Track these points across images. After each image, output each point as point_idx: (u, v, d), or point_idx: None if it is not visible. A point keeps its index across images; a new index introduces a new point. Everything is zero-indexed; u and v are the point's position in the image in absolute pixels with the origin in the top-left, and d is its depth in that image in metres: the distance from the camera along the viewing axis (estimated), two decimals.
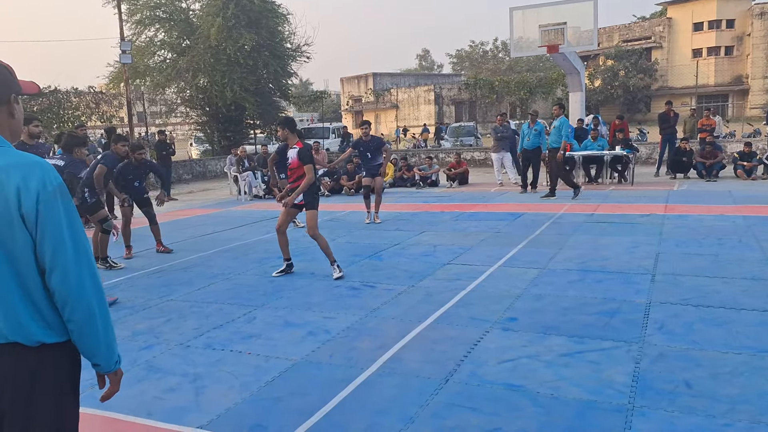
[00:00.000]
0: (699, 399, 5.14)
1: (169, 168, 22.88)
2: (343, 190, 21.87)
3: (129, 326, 7.90)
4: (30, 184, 2.56)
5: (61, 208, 2.64)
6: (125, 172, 12.02)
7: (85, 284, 2.67)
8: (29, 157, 2.67)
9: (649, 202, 16.18)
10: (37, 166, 2.62)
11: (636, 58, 69.06)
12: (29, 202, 2.55)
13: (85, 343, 2.74)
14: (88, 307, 2.68)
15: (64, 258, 2.62)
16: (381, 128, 63.04)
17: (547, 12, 25.66)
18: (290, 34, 35.80)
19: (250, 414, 5.30)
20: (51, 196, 2.60)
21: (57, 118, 28.48)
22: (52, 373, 2.71)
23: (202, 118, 35.97)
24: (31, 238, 2.59)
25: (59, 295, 2.63)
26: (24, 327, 2.63)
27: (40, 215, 2.57)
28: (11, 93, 2.78)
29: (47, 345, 2.69)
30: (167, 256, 12.08)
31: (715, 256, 10.05)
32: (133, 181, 12.33)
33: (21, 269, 2.60)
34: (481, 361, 6.22)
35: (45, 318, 2.67)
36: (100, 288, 2.76)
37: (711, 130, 23.45)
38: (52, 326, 2.69)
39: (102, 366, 2.85)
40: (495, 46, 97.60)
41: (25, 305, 2.63)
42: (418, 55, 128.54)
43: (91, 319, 2.70)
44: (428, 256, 11.13)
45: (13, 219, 2.54)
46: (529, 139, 18.92)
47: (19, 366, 2.64)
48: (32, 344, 2.65)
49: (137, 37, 33.11)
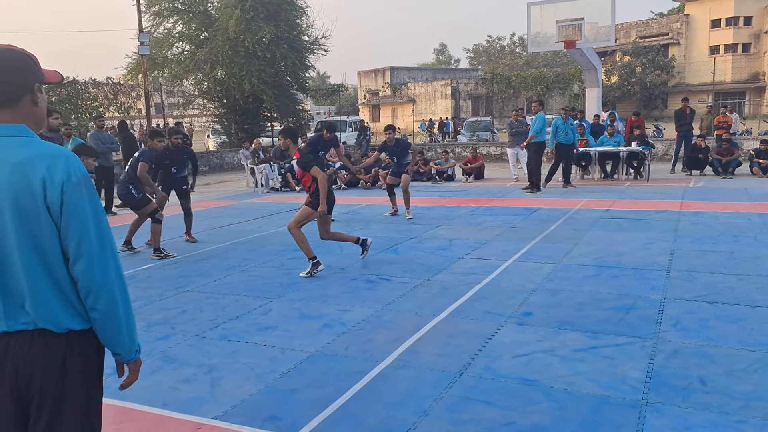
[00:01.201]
0: (713, 396, 5.14)
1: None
2: (360, 184, 21.90)
3: (145, 317, 7.95)
4: (55, 175, 2.59)
5: (86, 198, 2.67)
6: (162, 157, 12.11)
7: (109, 273, 2.71)
8: (54, 147, 2.70)
9: (665, 199, 16.14)
10: (62, 157, 2.66)
11: (653, 54, 68.73)
12: (54, 193, 2.58)
13: (108, 331, 2.78)
14: (111, 295, 2.71)
15: (89, 247, 2.65)
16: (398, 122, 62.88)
17: (565, 7, 25.60)
18: (308, 26, 35.79)
19: (265, 405, 5.33)
20: (76, 187, 2.63)
21: (75, 108, 28.53)
22: (80, 358, 2.75)
23: (220, 110, 36.00)
24: (56, 227, 2.62)
25: (83, 283, 2.67)
26: (53, 314, 2.66)
27: (65, 205, 2.60)
28: (35, 82, 2.80)
29: (75, 332, 2.72)
30: (185, 247, 12.13)
31: (730, 253, 10.03)
32: (170, 167, 12.37)
33: (48, 258, 2.63)
34: (496, 355, 6.23)
35: (73, 305, 2.71)
36: (123, 277, 2.80)
37: (727, 127, 23.34)
38: (80, 313, 2.73)
39: (123, 355, 2.89)
40: (512, 41, 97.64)
41: (54, 293, 2.66)
42: (435, 50, 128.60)
43: (115, 307, 2.73)
44: (444, 250, 11.15)
45: (40, 209, 2.58)
46: (567, 134, 18.97)
47: (49, 352, 2.68)
48: (61, 331, 2.69)
49: (156, 29, 33.19)
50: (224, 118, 35.95)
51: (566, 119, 19.07)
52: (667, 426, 4.70)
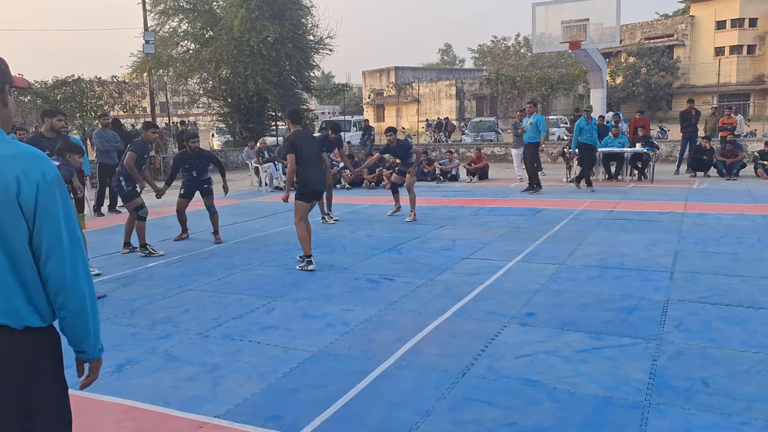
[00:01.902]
0: (715, 397, 5.14)
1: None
2: (364, 183, 21.90)
3: (148, 315, 7.97)
4: (30, 175, 2.67)
5: (58, 199, 2.75)
6: (181, 161, 12.15)
7: (79, 273, 2.80)
8: (28, 148, 2.78)
9: (669, 200, 16.13)
10: (37, 158, 2.74)
11: (658, 55, 68.70)
12: (29, 192, 2.66)
13: (76, 329, 2.87)
14: (80, 294, 2.81)
15: (60, 247, 2.73)
16: (402, 122, 62.90)
17: (570, 8, 25.59)
18: (313, 26, 35.76)
19: (268, 404, 5.34)
20: (50, 187, 2.72)
21: (80, 107, 28.58)
22: (34, 355, 2.80)
23: (224, 109, 36.00)
24: (27, 226, 2.69)
25: (54, 282, 2.75)
26: (15, 310, 2.72)
27: (39, 205, 2.68)
28: (5, 84, 2.89)
29: (31, 329, 2.78)
30: (187, 246, 12.14)
31: (733, 255, 10.02)
32: (191, 171, 12.45)
33: (16, 255, 2.69)
34: (499, 355, 6.24)
35: (34, 303, 2.77)
36: (91, 278, 2.89)
37: (732, 128, 23.31)
38: (39, 311, 2.79)
39: (88, 353, 2.97)
40: (517, 41, 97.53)
41: (19, 289, 2.72)
42: (440, 50, 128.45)
43: (83, 306, 2.83)
44: (447, 250, 11.15)
45: (12, 207, 2.65)
46: (592, 135, 19.00)
47: (4, 347, 2.72)
48: (19, 327, 2.74)
49: (161, 28, 33.19)
50: (229, 117, 35.95)
51: (589, 120, 19.05)
52: (670, 427, 4.70)
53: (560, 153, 19.21)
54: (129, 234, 11.88)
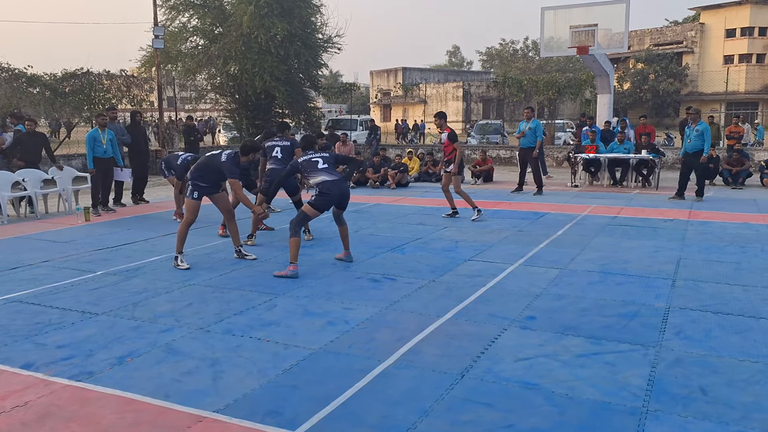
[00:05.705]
0: (713, 405, 5.15)
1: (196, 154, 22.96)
2: (368, 183, 21.91)
3: (150, 309, 7.99)
4: None
5: None
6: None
7: None
8: None
9: (673, 207, 16.12)
10: None
11: (666, 62, 68.63)
12: None
13: None
14: None
15: None
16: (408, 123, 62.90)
17: (579, 13, 25.61)
18: (322, 24, 35.69)
19: (267, 400, 5.36)
20: None
21: (88, 99, 28.61)
22: None
23: (232, 106, 35.96)
24: None
25: None
26: None
27: None
28: None
29: None
30: (191, 241, 12.13)
31: (736, 264, 10.02)
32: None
33: None
34: (498, 358, 6.25)
35: None
36: None
37: (739, 137, 23.28)
38: None
39: None
40: (525, 45, 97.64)
41: None
42: (448, 51, 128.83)
43: None
44: (450, 251, 11.17)
45: None
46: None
47: None
48: None
49: (170, 23, 33.19)
50: (236, 113, 35.92)
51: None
52: None
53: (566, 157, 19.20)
54: (254, 226, 12.49)
